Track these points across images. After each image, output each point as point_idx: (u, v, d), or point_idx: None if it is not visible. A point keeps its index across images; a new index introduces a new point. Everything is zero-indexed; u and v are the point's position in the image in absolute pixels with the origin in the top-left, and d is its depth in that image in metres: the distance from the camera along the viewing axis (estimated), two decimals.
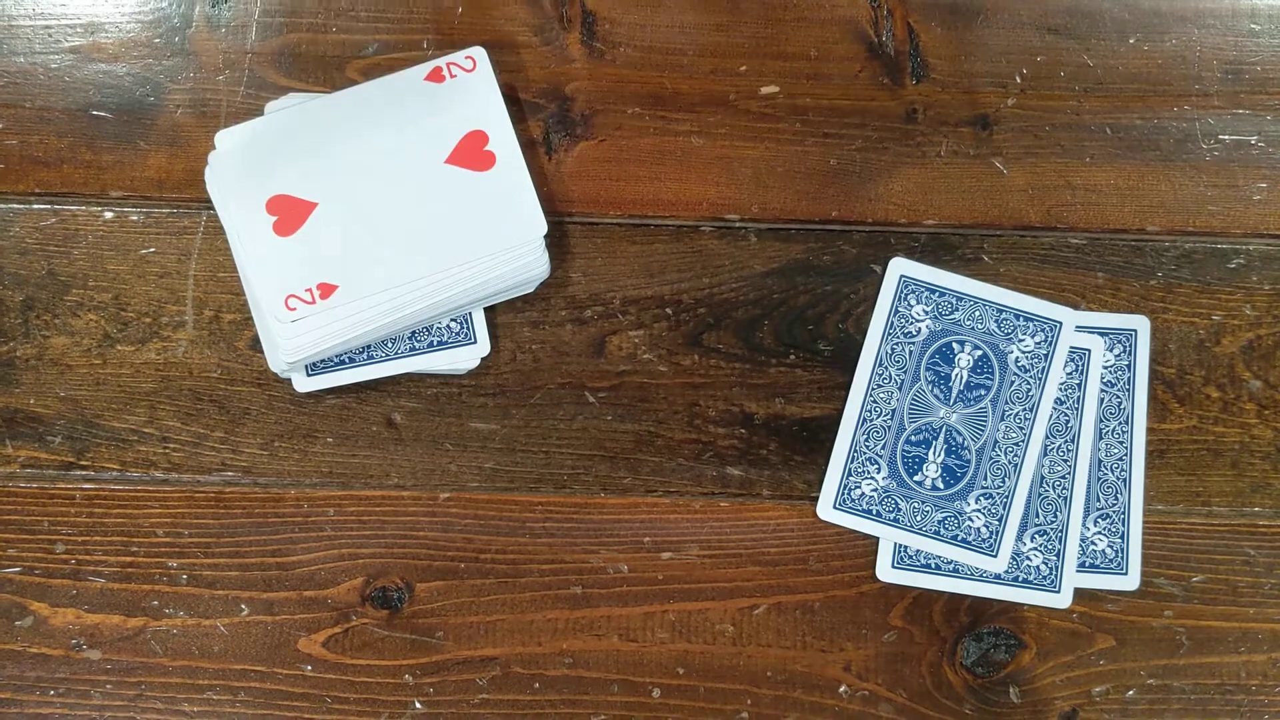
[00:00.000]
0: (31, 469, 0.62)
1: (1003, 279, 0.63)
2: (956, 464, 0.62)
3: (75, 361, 0.63)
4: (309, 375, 0.61)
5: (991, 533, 0.62)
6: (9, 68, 0.64)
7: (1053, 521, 0.62)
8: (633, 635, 0.62)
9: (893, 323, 0.63)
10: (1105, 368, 0.63)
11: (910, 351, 0.63)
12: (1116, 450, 0.62)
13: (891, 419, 0.62)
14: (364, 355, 0.62)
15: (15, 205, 0.63)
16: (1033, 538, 0.62)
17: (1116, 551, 0.62)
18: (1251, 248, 0.64)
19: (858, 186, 0.64)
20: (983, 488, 0.62)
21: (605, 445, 0.63)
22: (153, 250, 0.63)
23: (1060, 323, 0.63)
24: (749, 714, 0.62)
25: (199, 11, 0.64)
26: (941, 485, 0.62)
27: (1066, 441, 0.62)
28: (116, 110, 0.64)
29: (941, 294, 0.63)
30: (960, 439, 0.62)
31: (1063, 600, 0.62)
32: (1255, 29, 0.65)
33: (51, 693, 0.61)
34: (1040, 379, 0.62)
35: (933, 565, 0.62)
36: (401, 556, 0.62)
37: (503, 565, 0.62)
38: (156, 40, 0.64)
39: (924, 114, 0.64)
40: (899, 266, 0.63)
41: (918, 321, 0.63)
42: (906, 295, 0.63)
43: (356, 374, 0.62)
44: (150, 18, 0.64)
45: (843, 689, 0.62)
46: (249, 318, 0.63)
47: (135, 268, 0.63)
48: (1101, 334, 0.63)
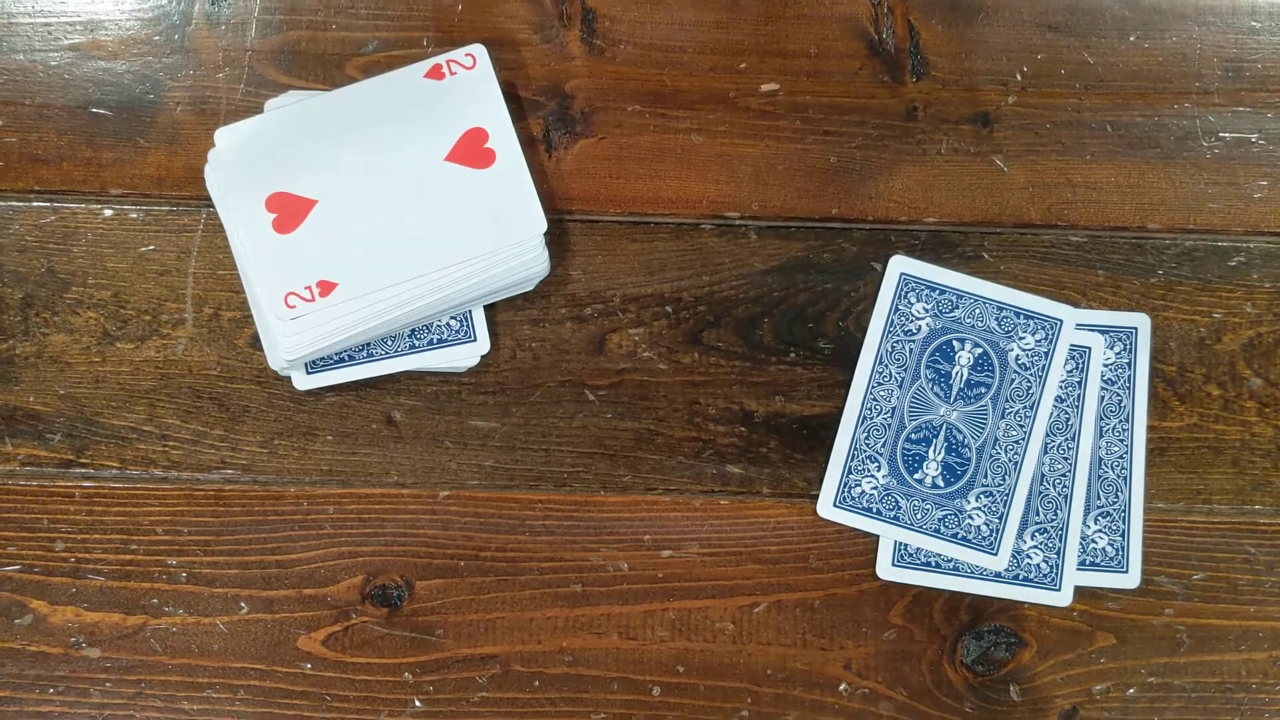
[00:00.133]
0: (31, 467, 0.62)
1: (1003, 277, 0.63)
2: (957, 462, 0.62)
3: (75, 359, 0.63)
4: (309, 373, 0.61)
5: (992, 531, 0.62)
6: (9, 65, 0.64)
7: (1053, 519, 0.62)
8: (633, 633, 0.62)
9: (893, 320, 0.63)
10: (1106, 365, 0.63)
11: (910, 349, 0.63)
12: (1117, 448, 0.62)
13: (892, 417, 0.62)
14: (364, 353, 0.62)
15: (15, 203, 0.63)
16: (1033, 536, 0.62)
17: (1117, 549, 0.62)
18: (1252, 245, 0.64)
19: (858, 184, 0.64)
20: (983, 486, 0.62)
21: (605, 443, 0.63)
22: (152, 248, 0.63)
23: (1061, 320, 0.63)
24: (749, 712, 0.62)
25: (199, 9, 0.64)
26: (942, 483, 0.62)
27: (1067, 439, 0.62)
28: (116, 108, 0.64)
29: (942, 292, 0.63)
30: (960, 437, 0.62)
31: (1063, 598, 0.62)
32: (1255, 26, 0.65)
33: (51, 691, 0.61)
34: (1041, 377, 0.62)
35: (933, 563, 0.62)
36: (401, 554, 0.62)
37: (502, 563, 0.62)
38: (156, 38, 0.64)
39: (924, 111, 0.64)
40: (899, 264, 0.63)
41: (918, 319, 0.63)
42: (907, 293, 0.63)
43: (356, 372, 0.62)
44: (150, 15, 0.64)
45: (843, 687, 0.62)
46: (249, 315, 0.62)
47: (135, 265, 0.63)
48: (1102, 332, 0.63)
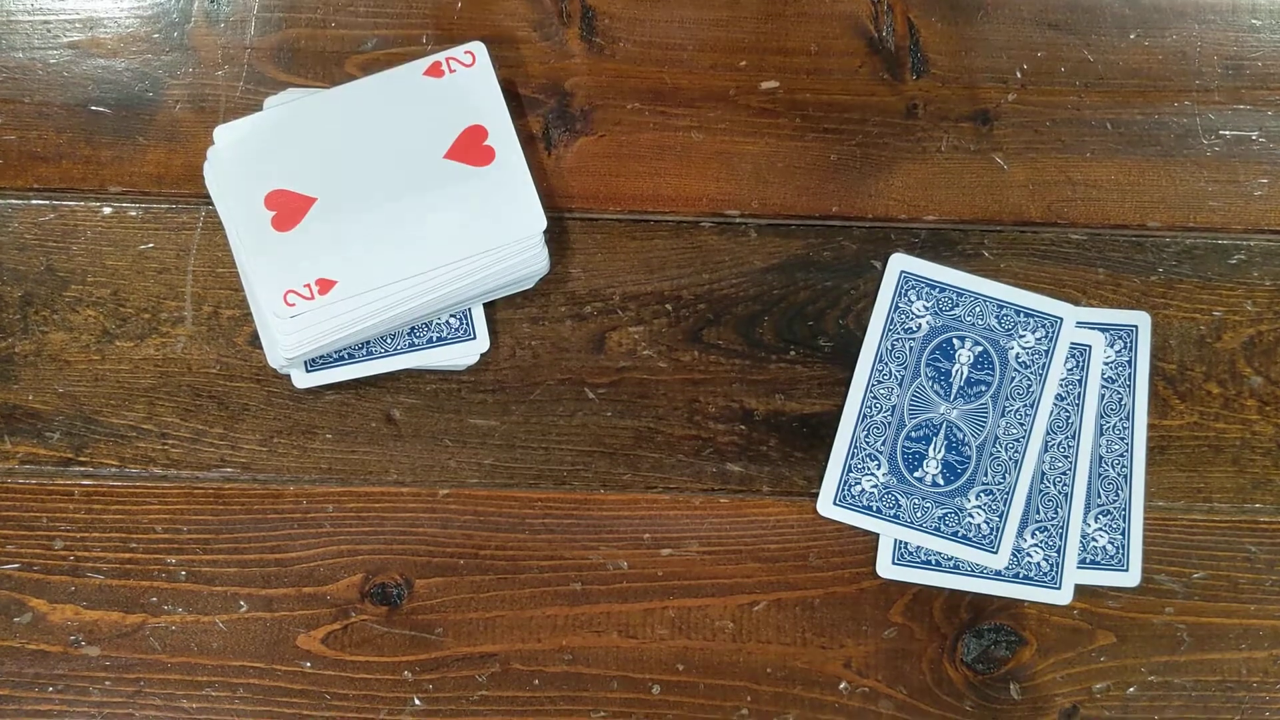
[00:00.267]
0: (30, 465, 0.62)
1: (1003, 275, 0.63)
2: (957, 460, 0.62)
3: (74, 357, 0.63)
4: (308, 371, 0.61)
5: (992, 529, 0.62)
6: (7, 63, 0.64)
7: (1053, 518, 0.62)
8: (632, 632, 0.62)
9: (893, 319, 0.63)
10: (1106, 364, 0.63)
11: (910, 347, 0.63)
12: (1117, 446, 0.62)
13: (892, 415, 0.62)
14: (363, 351, 0.62)
15: (14, 201, 0.63)
16: (1033, 534, 0.62)
17: (1117, 548, 0.62)
18: (1252, 243, 0.64)
19: (858, 182, 0.64)
20: (983, 484, 0.62)
21: (605, 441, 0.63)
22: (151, 246, 0.63)
23: (1061, 319, 0.63)
24: (749, 710, 0.62)
25: (198, 6, 0.64)
26: (942, 481, 0.62)
27: (1067, 438, 0.62)
28: (115, 105, 0.64)
29: (942, 290, 0.63)
30: (961, 435, 0.62)
31: (1063, 597, 0.62)
32: (1256, 24, 0.65)
33: (50, 689, 0.61)
34: (1041, 375, 0.62)
35: (933, 561, 0.62)
36: (401, 553, 0.62)
37: (502, 562, 0.62)
38: (155, 35, 0.64)
39: (924, 109, 0.64)
40: (899, 262, 0.63)
41: (918, 317, 0.63)
42: (907, 291, 0.63)
43: (356, 370, 0.62)
44: (149, 13, 0.64)
45: (843, 685, 0.62)
46: (248, 313, 0.62)
47: (134, 263, 0.63)
48: (1102, 330, 0.63)
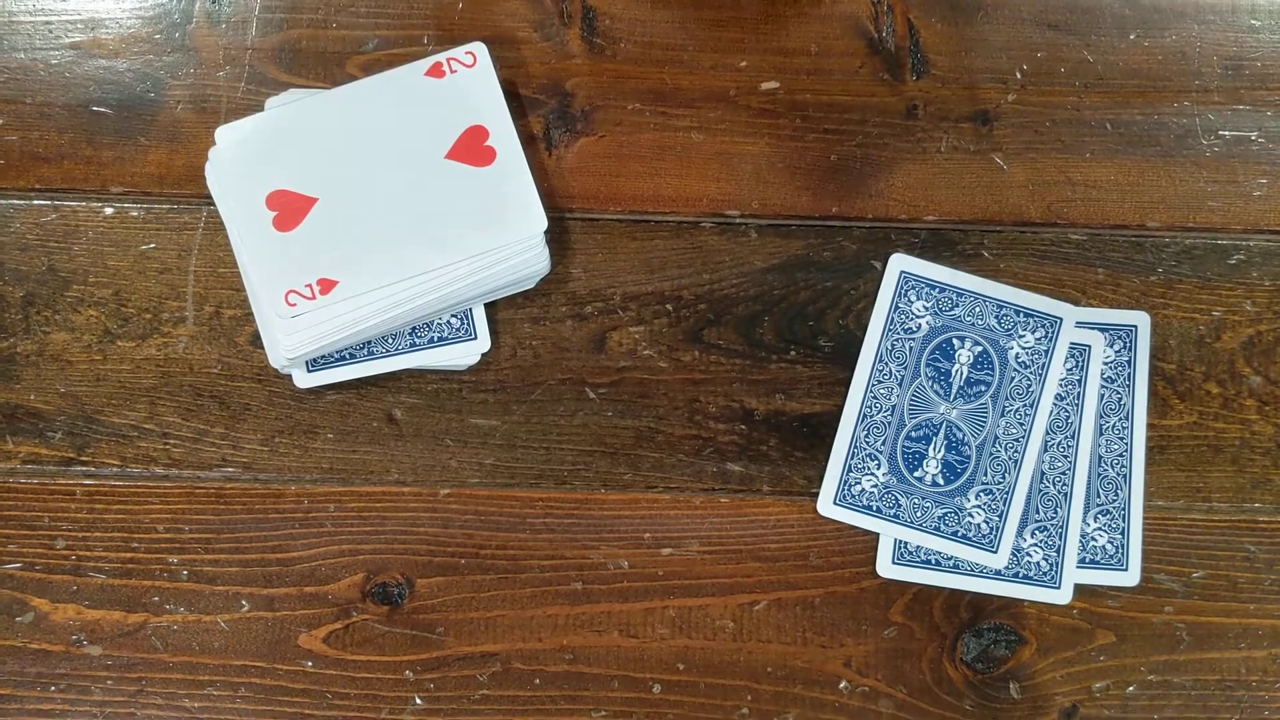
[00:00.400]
0: (32, 465, 0.62)
1: (1003, 275, 0.63)
2: (957, 460, 0.62)
3: (76, 357, 0.63)
4: (309, 371, 0.61)
5: (992, 529, 0.62)
6: (9, 64, 0.64)
7: (1053, 517, 0.62)
8: (633, 631, 0.62)
9: (893, 319, 0.63)
10: (1105, 364, 0.63)
11: (910, 347, 0.63)
12: (1117, 446, 0.62)
13: (892, 415, 0.62)
14: (364, 351, 0.62)
15: (16, 201, 0.63)
16: (1033, 534, 0.62)
17: (1117, 547, 0.62)
18: (1252, 243, 0.64)
19: (858, 182, 0.64)
20: (983, 484, 0.62)
21: (606, 441, 0.63)
22: (153, 246, 0.63)
23: (1060, 319, 0.63)
24: (749, 710, 0.62)
25: (199, 7, 0.64)
26: (942, 481, 0.62)
27: (1067, 437, 0.62)
28: (117, 106, 0.64)
29: (942, 290, 0.63)
30: (960, 435, 0.62)
31: (1063, 596, 0.62)
32: (1255, 24, 0.65)
33: (52, 688, 0.61)
34: (1040, 375, 0.62)
35: (933, 561, 0.62)
36: (402, 552, 0.62)
37: (503, 561, 0.62)
38: (157, 36, 0.64)
39: (924, 110, 0.64)
40: (899, 262, 0.63)
41: (918, 317, 0.63)
42: (907, 291, 0.63)
43: (357, 370, 0.62)
44: (151, 14, 0.64)
45: (843, 685, 0.62)
46: (249, 313, 0.63)
47: (136, 263, 0.63)
48: (1102, 330, 0.63)
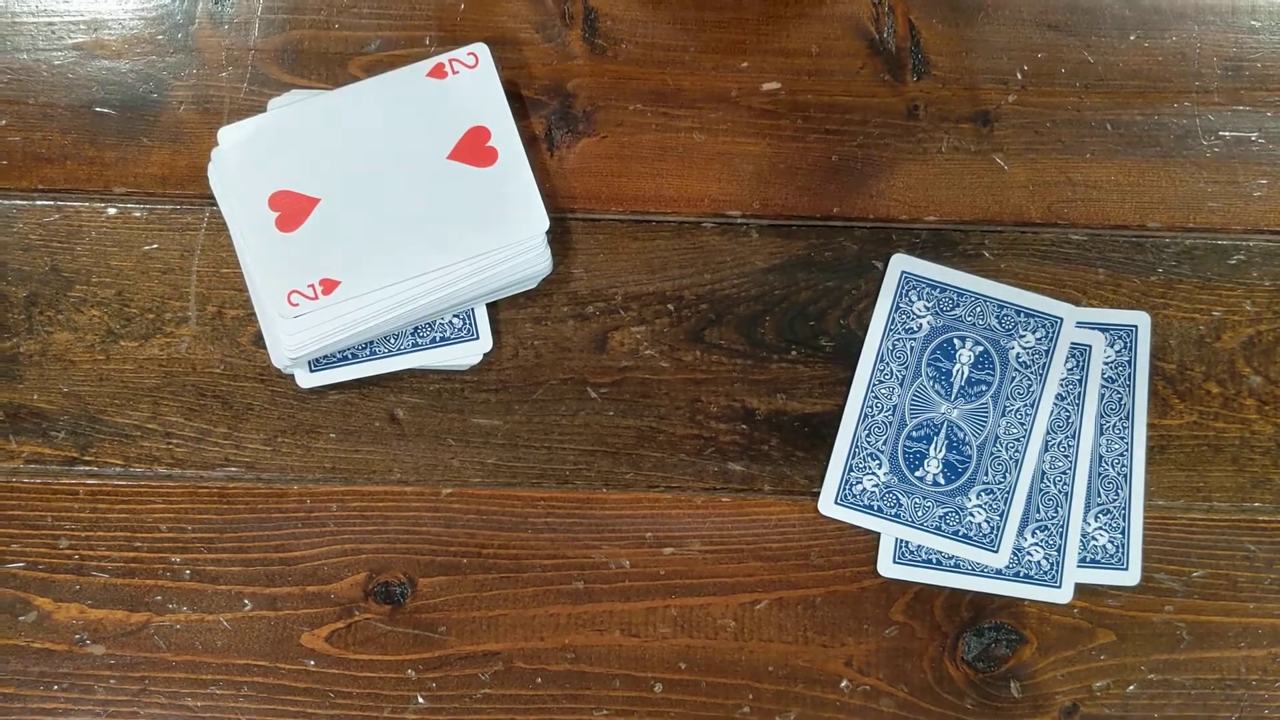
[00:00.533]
0: (35, 464, 0.62)
1: (1004, 275, 0.64)
2: (958, 459, 0.62)
3: (79, 357, 0.63)
4: (312, 371, 0.62)
5: (992, 528, 0.62)
6: (12, 64, 0.64)
7: (1054, 517, 0.62)
8: (635, 630, 0.62)
9: (894, 319, 0.63)
10: (1106, 363, 0.63)
11: (911, 347, 0.63)
12: (1117, 446, 0.63)
13: (893, 415, 0.63)
14: (367, 351, 0.62)
15: (19, 201, 0.63)
16: (1034, 533, 0.62)
17: (1117, 547, 0.62)
18: (1252, 244, 0.64)
19: (859, 183, 0.64)
20: (984, 483, 0.62)
21: (607, 441, 0.63)
22: (156, 246, 0.63)
23: (1061, 319, 0.63)
24: (750, 709, 0.62)
25: (202, 8, 0.64)
26: (943, 481, 0.62)
27: (1067, 437, 0.62)
28: (120, 107, 0.64)
29: (942, 290, 0.63)
30: (961, 434, 0.62)
31: (1063, 595, 0.62)
32: (1255, 25, 0.65)
33: (55, 688, 0.62)
34: (1041, 375, 0.62)
35: (934, 560, 0.62)
36: (404, 552, 0.62)
37: (505, 560, 0.62)
38: (160, 37, 0.64)
39: (925, 110, 0.64)
40: (900, 263, 0.63)
41: (919, 317, 0.63)
42: (908, 291, 0.63)
43: (359, 370, 0.62)
44: (153, 14, 0.65)
45: (844, 684, 0.62)
46: (252, 313, 0.63)
47: (138, 264, 0.63)
48: (1102, 330, 0.63)
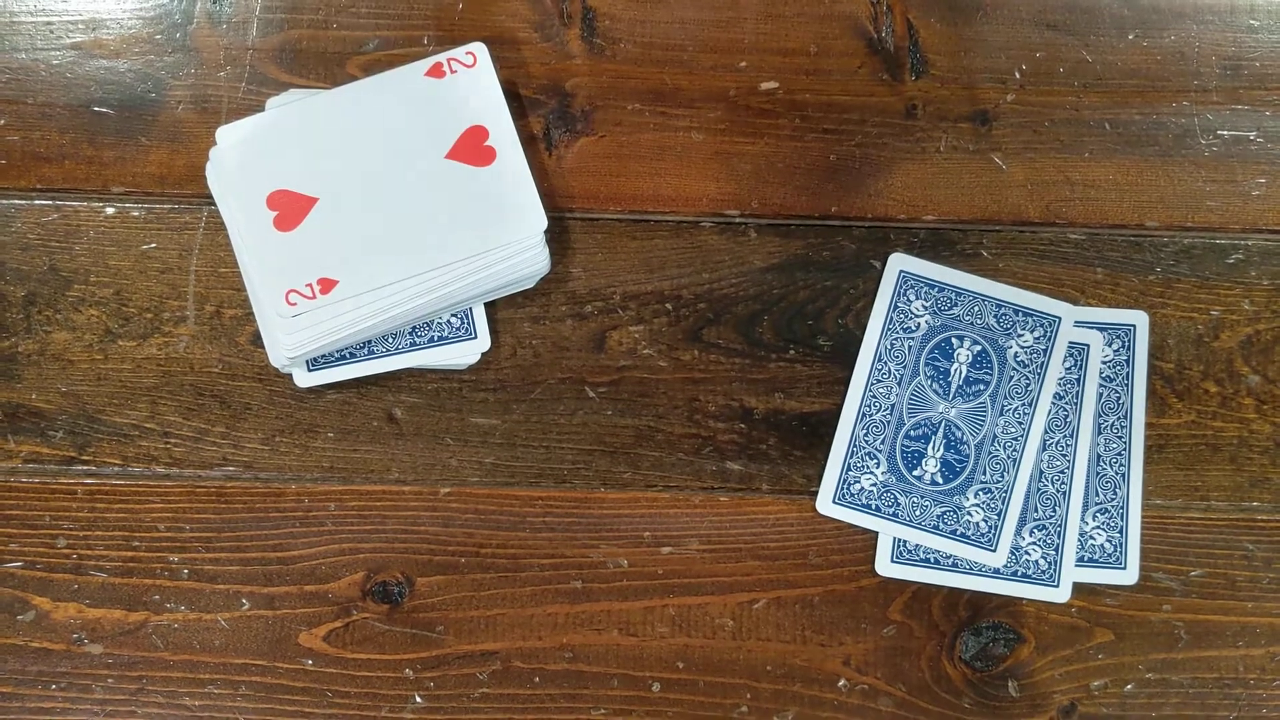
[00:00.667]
0: (33, 464, 0.62)
1: (1002, 274, 0.64)
2: (955, 459, 0.62)
3: (77, 357, 0.63)
4: (310, 370, 0.62)
5: (990, 527, 0.62)
6: (11, 64, 0.64)
7: (1051, 516, 0.62)
8: (633, 630, 0.62)
9: (892, 318, 0.63)
10: (1104, 363, 0.63)
11: (909, 347, 0.63)
12: (1115, 445, 0.63)
13: (891, 414, 0.63)
14: (365, 350, 0.62)
15: (17, 201, 0.64)
16: (1031, 532, 0.62)
17: (1115, 546, 0.62)
18: (1250, 243, 0.64)
19: (857, 182, 0.64)
20: (982, 482, 0.62)
21: (605, 440, 0.63)
22: (154, 246, 0.63)
23: (1059, 318, 0.63)
24: (748, 708, 0.62)
25: (200, 8, 0.65)
26: (940, 480, 0.62)
27: (1065, 436, 0.62)
28: (118, 106, 0.64)
29: (941, 289, 0.63)
30: (959, 434, 0.62)
31: (1061, 595, 0.62)
32: (1254, 25, 0.65)
33: (53, 687, 0.62)
34: (1039, 374, 0.62)
35: (932, 560, 0.62)
36: (402, 551, 0.62)
37: (503, 560, 0.62)
38: (158, 36, 0.64)
39: (923, 110, 0.64)
40: (898, 262, 0.63)
41: (917, 317, 0.63)
42: (906, 290, 0.63)
43: (357, 369, 0.62)
44: (152, 14, 0.65)
45: (842, 683, 0.62)
46: (250, 313, 0.63)
47: (137, 263, 0.63)
48: (1100, 329, 0.63)
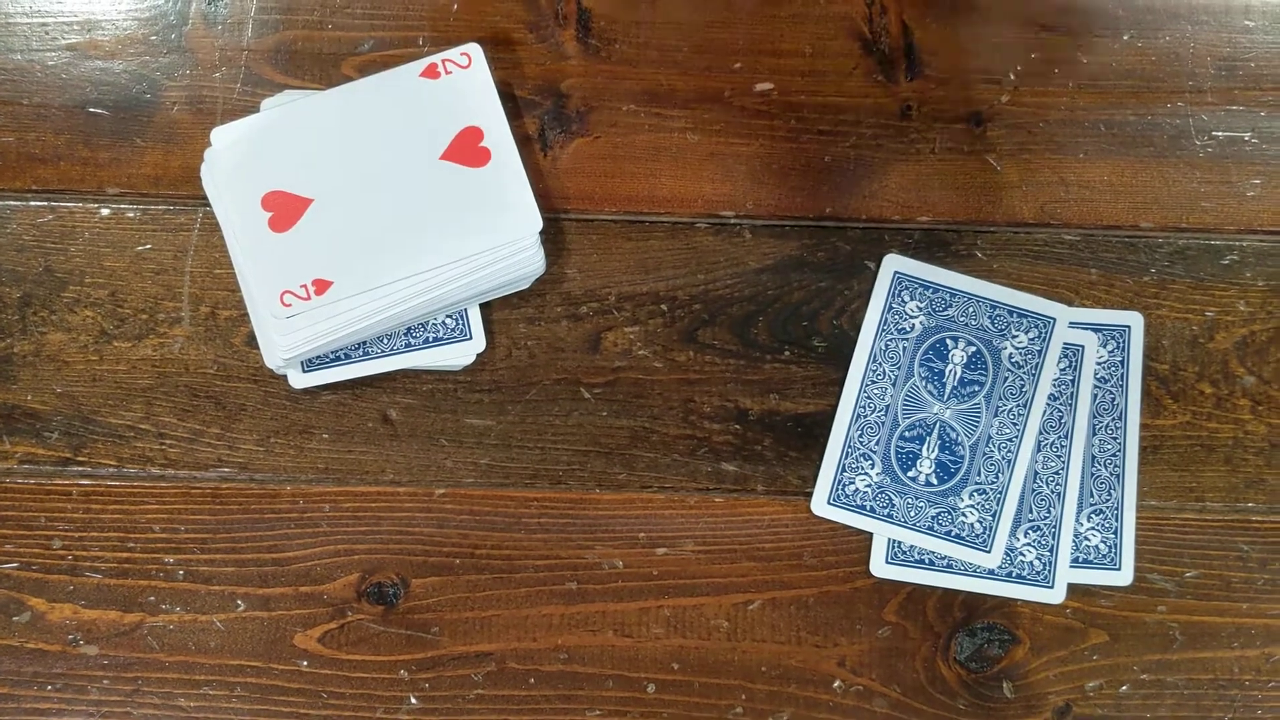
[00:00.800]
0: (29, 465, 0.62)
1: (996, 275, 0.64)
2: (950, 460, 0.62)
3: (72, 358, 0.63)
4: (305, 371, 0.62)
5: (985, 528, 0.62)
6: (6, 65, 0.64)
7: (1046, 517, 0.62)
8: (628, 630, 0.62)
9: (887, 319, 0.63)
10: (1099, 364, 0.63)
11: (904, 348, 0.63)
12: (1110, 446, 0.63)
13: (885, 415, 0.63)
14: (360, 351, 0.62)
15: (12, 202, 0.64)
16: (1026, 533, 0.62)
17: (1110, 547, 0.62)
18: (1245, 244, 0.64)
19: (852, 183, 0.64)
20: (976, 483, 0.62)
21: (600, 441, 0.63)
22: (149, 247, 0.63)
23: (1054, 319, 0.63)
24: (743, 709, 0.62)
25: (195, 9, 0.65)
26: (935, 481, 0.62)
27: (1060, 437, 0.62)
28: (113, 107, 0.64)
29: (935, 290, 0.63)
30: (954, 435, 0.62)
31: (1056, 595, 0.62)
32: (1249, 25, 0.65)
33: (49, 688, 0.62)
34: (1034, 375, 0.62)
35: (927, 561, 0.62)
36: (397, 552, 0.62)
37: (498, 561, 0.62)
38: (153, 37, 0.64)
39: (918, 111, 0.64)
40: (893, 263, 0.63)
41: (912, 318, 0.63)
42: (900, 291, 0.63)
43: (352, 370, 0.62)
44: (147, 15, 0.65)
45: (837, 684, 0.62)
46: (245, 314, 0.63)
47: (132, 264, 0.63)
48: (1095, 330, 0.63)
